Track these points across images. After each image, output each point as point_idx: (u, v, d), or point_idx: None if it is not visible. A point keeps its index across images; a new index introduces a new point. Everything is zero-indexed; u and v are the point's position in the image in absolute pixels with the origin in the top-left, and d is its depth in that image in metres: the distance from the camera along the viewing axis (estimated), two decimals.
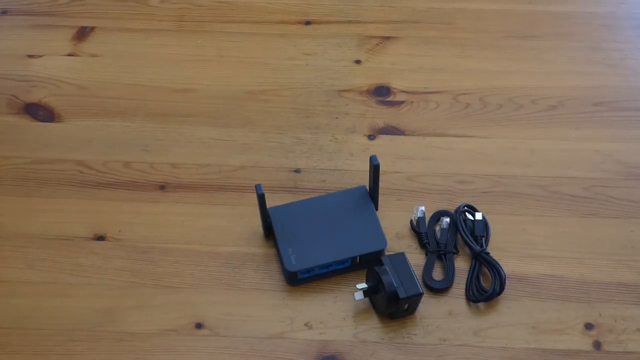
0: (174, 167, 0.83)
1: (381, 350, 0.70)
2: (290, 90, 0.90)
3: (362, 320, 0.72)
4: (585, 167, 0.82)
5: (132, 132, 0.86)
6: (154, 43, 0.95)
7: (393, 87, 0.90)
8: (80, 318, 0.72)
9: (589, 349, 0.70)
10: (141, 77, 0.92)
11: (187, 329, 0.71)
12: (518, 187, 0.81)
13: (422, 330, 0.71)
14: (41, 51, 0.94)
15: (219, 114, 0.88)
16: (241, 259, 0.76)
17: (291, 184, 0.82)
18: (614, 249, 0.76)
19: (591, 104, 0.89)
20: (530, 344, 0.70)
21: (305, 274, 0.73)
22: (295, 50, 0.94)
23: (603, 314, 0.72)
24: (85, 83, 0.91)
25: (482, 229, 0.76)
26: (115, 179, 0.82)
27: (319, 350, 0.70)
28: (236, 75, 0.92)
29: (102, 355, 0.70)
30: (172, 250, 0.77)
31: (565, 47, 0.95)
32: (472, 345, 0.70)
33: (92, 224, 0.78)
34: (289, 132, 0.86)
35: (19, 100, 0.89)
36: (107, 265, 0.76)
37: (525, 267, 0.75)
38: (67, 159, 0.84)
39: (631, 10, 1.00)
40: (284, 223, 0.75)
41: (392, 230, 0.77)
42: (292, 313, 0.72)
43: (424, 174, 0.82)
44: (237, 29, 0.97)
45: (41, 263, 0.76)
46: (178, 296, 0.74)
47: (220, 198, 0.81)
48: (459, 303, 0.73)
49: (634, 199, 0.80)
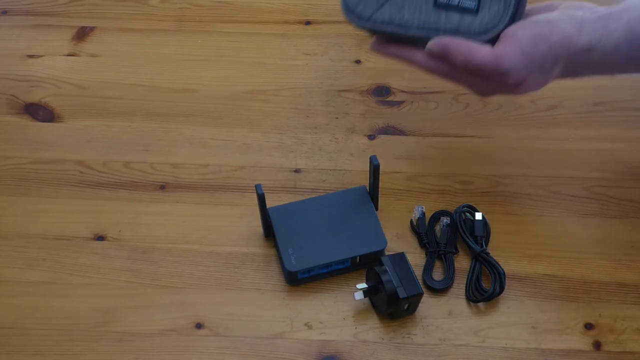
0: (174, 167, 0.83)
1: (381, 350, 0.70)
2: (290, 90, 0.90)
3: (362, 320, 0.72)
4: (585, 167, 0.82)
5: (132, 132, 0.86)
6: (154, 43, 0.95)
7: (393, 87, 0.90)
8: (80, 318, 0.72)
9: (589, 349, 0.70)
10: (141, 77, 0.92)
11: (187, 329, 0.71)
12: (518, 187, 0.81)
13: (422, 330, 0.71)
14: (41, 51, 0.94)
15: (219, 114, 0.88)
16: (241, 259, 0.76)
17: (291, 184, 0.82)
18: (614, 249, 0.76)
19: (591, 104, 0.89)
20: (530, 344, 0.70)
21: (305, 274, 0.73)
22: (295, 50, 0.94)
23: (603, 314, 0.72)
24: (85, 83, 0.91)
25: (482, 229, 0.76)
26: (115, 179, 0.82)
27: (319, 350, 0.70)
28: (236, 75, 0.92)
29: (102, 355, 0.70)
30: (172, 250, 0.77)
31: None
32: (472, 345, 0.70)
33: (92, 224, 0.79)
34: (289, 132, 0.86)
35: (19, 100, 0.89)
36: (107, 265, 0.76)
37: (525, 267, 0.75)
38: (67, 159, 0.84)
39: None
40: (284, 223, 0.75)
41: (392, 230, 0.77)
42: (292, 313, 0.72)
43: (424, 174, 0.82)
44: (237, 29, 0.97)
45: (41, 263, 0.76)
46: (178, 296, 0.74)
47: (220, 198, 0.81)
48: (459, 303, 0.73)
49: (634, 199, 0.80)
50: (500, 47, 0.66)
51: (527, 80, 0.68)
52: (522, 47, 0.65)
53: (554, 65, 0.67)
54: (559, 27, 0.66)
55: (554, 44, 0.66)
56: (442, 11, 0.68)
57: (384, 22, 0.70)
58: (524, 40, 0.66)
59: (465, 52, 0.67)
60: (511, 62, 0.66)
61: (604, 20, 0.66)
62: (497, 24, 0.67)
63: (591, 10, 0.68)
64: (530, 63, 0.66)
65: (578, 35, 0.66)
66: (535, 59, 0.66)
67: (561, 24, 0.67)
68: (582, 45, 0.66)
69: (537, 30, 0.66)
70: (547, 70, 0.68)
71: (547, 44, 0.66)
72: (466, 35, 0.68)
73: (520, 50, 0.65)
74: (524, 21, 0.68)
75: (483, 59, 0.66)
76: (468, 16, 0.68)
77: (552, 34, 0.66)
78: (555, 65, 0.67)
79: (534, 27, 0.67)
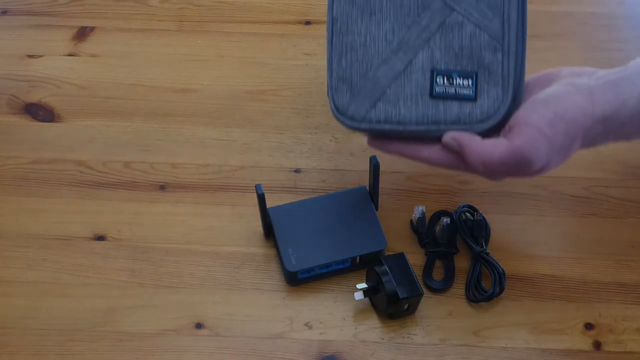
0: (174, 167, 0.83)
1: (381, 350, 0.70)
2: (290, 90, 0.90)
3: (362, 320, 0.72)
4: (585, 167, 0.82)
5: (132, 132, 0.86)
6: (154, 43, 0.95)
7: None
8: (80, 318, 0.72)
9: (589, 349, 0.70)
10: (141, 77, 0.92)
11: (187, 329, 0.71)
12: (518, 187, 0.81)
13: (422, 330, 0.71)
14: (41, 51, 0.94)
15: (219, 114, 0.88)
16: (241, 259, 0.76)
17: (291, 184, 0.82)
18: (614, 249, 0.76)
19: None
20: (530, 344, 0.70)
21: (305, 274, 0.73)
22: (295, 50, 0.94)
23: (603, 314, 0.72)
24: (85, 83, 0.91)
25: (482, 229, 0.76)
26: (115, 179, 0.82)
27: (319, 350, 0.70)
28: (236, 75, 0.92)
29: (102, 355, 0.70)
30: (172, 250, 0.77)
31: (565, 47, 0.95)
32: (472, 345, 0.70)
33: (92, 224, 0.79)
34: (289, 132, 0.86)
35: (19, 100, 0.89)
36: (107, 265, 0.76)
37: (525, 267, 0.75)
38: (67, 159, 0.84)
39: (631, 10, 1.00)
40: (284, 223, 0.75)
41: (392, 230, 0.77)
42: (292, 313, 0.72)
43: (424, 174, 0.82)
44: (237, 29, 0.97)
45: (41, 263, 0.76)
46: (178, 296, 0.74)
47: (220, 198, 0.81)
48: (459, 303, 0.73)
49: (634, 199, 0.80)
50: (517, 138, 0.62)
51: (550, 163, 0.64)
52: (541, 133, 0.61)
53: (573, 142, 0.63)
54: (571, 101, 0.62)
55: (570, 121, 0.62)
56: (440, 102, 0.65)
57: (380, 121, 0.66)
58: (540, 125, 0.61)
59: (481, 154, 0.63)
60: (533, 151, 0.62)
61: (615, 87, 0.63)
62: (498, 109, 0.64)
63: (595, 77, 0.64)
64: (552, 147, 0.62)
65: (592, 108, 0.62)
66: (556, 141, 0.62)
67: (571, 97, 0.62)
68: (597, 117, 0.62)
69: (551, 110, 0.62)
70: (567, 148, 0.63)
71: (564, 123, 0.62)
72: (468, 125, 0.64)
73: (539, 136, 0.61)
74: (532, 103, 0.63)
75: (502, 155, 0.62)
76: (467, 104, 0.64)
77: (567, 111, 0.62)
78: (574, 142, 0.63)
79: (547, 108, 0.62)
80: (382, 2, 0.66)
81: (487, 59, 0.64)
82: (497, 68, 0.64)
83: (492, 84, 0.64)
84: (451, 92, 0.64)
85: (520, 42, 0.64)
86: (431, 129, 0.65)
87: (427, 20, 0.65)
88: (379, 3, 0.66)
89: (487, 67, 0.64)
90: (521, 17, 0.64)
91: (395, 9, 0.65)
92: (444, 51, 0.65)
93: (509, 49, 0.64)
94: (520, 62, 0.64)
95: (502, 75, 0.64)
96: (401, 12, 0.65)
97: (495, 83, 0.64)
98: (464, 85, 0.64)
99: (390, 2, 0.66)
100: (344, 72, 0.66)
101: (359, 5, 0.66)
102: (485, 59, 0.64)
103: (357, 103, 0.65)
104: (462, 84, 0.64)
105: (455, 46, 0.65)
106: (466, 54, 0.65)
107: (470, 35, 0.64)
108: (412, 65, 0.65)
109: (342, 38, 0.66)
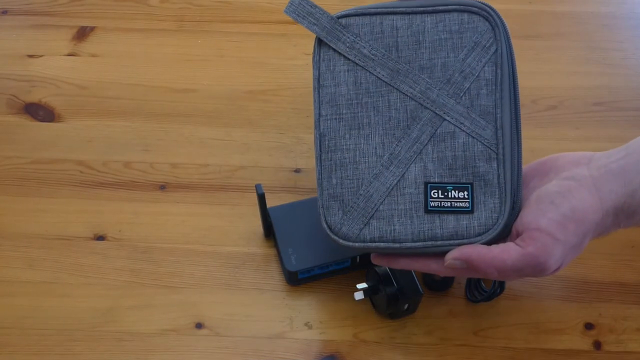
0: (174, 167, 0.83)
1: (381, 350, 0.70)
2: (290, 90, 0.90)
3: (362, 320, 0.72)
4: None
5: (132, 132, 0.86)
6: (154, 43, 0.95)
7: None
8: (80, 318, 0.72)
9: (589, 349, 0.70)
10: (141, 77, 0.92)
11: (187, 329, 0.72)
12: None
13: (422, 330, 0.71)
14: (41, 51, 0.94)
15: (219, 114, 0.88)
16: (241, 259, 0.76)
17: (291, 184, 0.82)
18: (614, 249, 0.76)
19: (591, 104, 0.89)
20: (530, 344, 0.70)
21: (305, 274, 0.73)
22: (295, 50, 0.94)
23: (603, 314, 0.72)
24: (85, 83, 0.91)
25: None
26: (115, 179, 0.82)
27: (319, 350, 0.70)
28: (236, 75, 0.92)
29: (102, 355, 0.70)
30: (172, 250, 0.77)
31: (565, 47, 0.95)
32: (472, 345, 0.70)
33: (92, 224, 0.79)
34: (289, 132, 0.86)
35: (19, 100, 0.89)
36: (107, 265, 0.76)
37: None
38: (67, 159, 0.84)
39: (631, 10, 1.00)
40: (284, 223, 0.75)
41: None
42: (292, 313, 0.72)
43: None
44: (237, 29, 0.97)
45: (41, 263, 0.76)
46: (178, 296, 0.74)
47: (221, 198, 0.81)
48: (459, 303, 0.73)
49: None
50: (530, 246, 0.59)
51: (565, 261, 0.61)
52: (553, 238, 0.59)
53: (585, 238, 0.61)
54: (577, 199, 0.60)
55: (580, 221, 0.60)
56: (436, 216, 0.61)
57: (374, 240, 0.62)
58: (551, 230, 0.59)
59: (493, 263, 0.60)
60: (548, 257, 0.59)
61: (619, 179, 0.60)
62: (496, 221, 0.61)
63: (596, 165, 0.61)
64: (565, 248, 0.60)
65: (600, 203, 0.60)
66: (569, 242, 0.60)
67: (577, 194, 0.60)
68: (606, 210, 0.60)
69: (559, 212, 0.59)
70: (579, 244, 0.61)
71: (574, 223, 0.59)
72: (466, 239, 0.61)
73: (552, 241, 0.59)
74: (537, 204, 0.60)
75: (515, 263, 0.59)
76: (464, 217, 0.61)
77: (575, 211, 0.59)
78: (586, 237, 0.61)
79: (555, 211, 0.59)
80: (370, 116, 0.63)
81: (482, 169, 0.62)
82: (493, 177, 0.61)
83: (489, 194, 0.61)
84: (447, 205, 0.61)
85: (515, 148, 0.62)
86: (428, 246, 0.61)
87: (418, 132, 0.62)
88: (367, 117, 0.63)
89: (482, 177, 0.61)
90: (514, 122, 0.62)
91: (384, 122, 0.63)
92: (437, 163, 0.62)
93: (504, 156, 0.61)
94: (516, 169, 0.62)
95: (499, 184, 0.61)
96: (390, 125, 0.63)
97: (492, 193, 0.61)
98: (459, 197, 0.61)
99: (378, 116, 0.63)
100: (335, 190, 0.63)
101: (346, 121, 0.63)
102: (480, 168, 0.62)
103: (350, 221, 0.62)
104: (458, 197, 0.61)
105: (449, 157, 0.62)
106: (460, 164, 0.62)
107: (463, 144, 0.62)
108: (404, 179, 0.62)
109: (331, 155, 0.63)
